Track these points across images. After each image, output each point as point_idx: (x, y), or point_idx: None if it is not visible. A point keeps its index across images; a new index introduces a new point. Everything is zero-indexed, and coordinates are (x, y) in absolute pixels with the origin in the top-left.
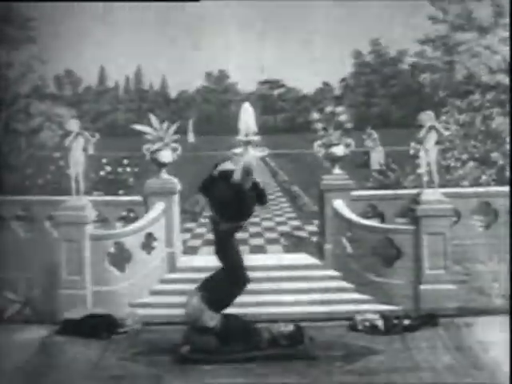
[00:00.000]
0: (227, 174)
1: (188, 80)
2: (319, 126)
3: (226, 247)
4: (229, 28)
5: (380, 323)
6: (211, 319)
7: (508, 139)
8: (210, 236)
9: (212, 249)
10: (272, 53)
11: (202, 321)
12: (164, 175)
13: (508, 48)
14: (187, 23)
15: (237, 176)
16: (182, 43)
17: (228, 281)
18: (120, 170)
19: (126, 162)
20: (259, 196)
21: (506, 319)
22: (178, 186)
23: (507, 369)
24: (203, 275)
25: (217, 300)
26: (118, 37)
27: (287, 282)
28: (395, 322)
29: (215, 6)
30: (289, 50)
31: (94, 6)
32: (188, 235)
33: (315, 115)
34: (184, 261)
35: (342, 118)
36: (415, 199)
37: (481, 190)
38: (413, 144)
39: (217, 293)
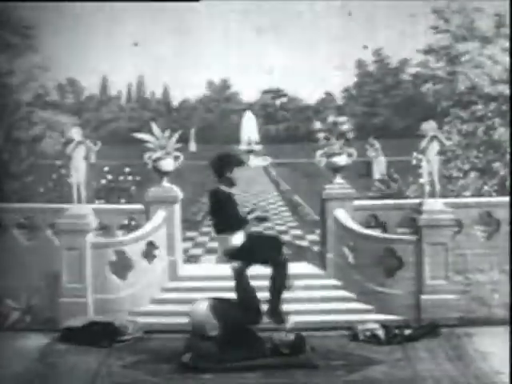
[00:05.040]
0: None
1: (190, 89)
2: (321, 135)
3: (237, 284)
4: (231, 38)
5: (381, 333)
6: (213, 328)
7: (509, 149)
8: (212, 245)
9: (214, 257)
10: (274, 62)
11: (204, 328)
12: (166, 184)
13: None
14: (189, 33)
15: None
16: (184, 52)
17: (242, 312)
18: (121, 178)
19: (127, 170)
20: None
21: (506, 329)
22: (180, 195)
23: (507, 379)
24: (205, 284)
25: (225, 316)
26: (121, 46)
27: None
28: (396, 331)
29: (217, 15)
30: (291, 59)
31: (97, 15)
32: (189, 244)
33: (317, 125)
34: (185, 269)
35: (344, 127)
36: (417, 209)
37: (483, 200)
38: (415, 154)
39: (229, 316)
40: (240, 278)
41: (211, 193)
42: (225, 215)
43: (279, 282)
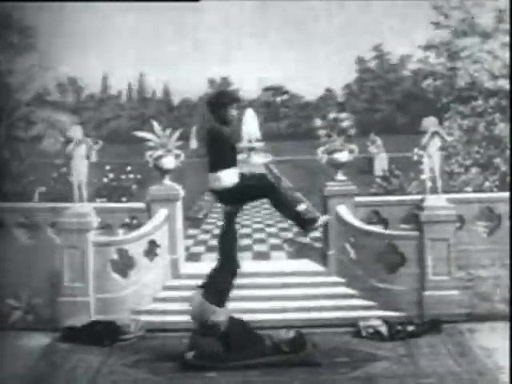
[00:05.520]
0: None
1: (191, 87)
2: (322, 132)
3: (224, 232)
4: (231, 36)
5: (384, 329)
6: (214, 314)
7: (509, 145)
8: (213, 242)
9: (215, 255)
10: (275, 60)
11: (206, 316)
12: (167, 182)
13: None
14: (189, 31)
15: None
16: (185, 50)
17: (220, 270)
18: (123, 176)
19: (128, 168)
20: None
21: (508, 325)
22: (181, 193)
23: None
24: None
25: (214, 292)
26: (121, 44)
27: (290, 288)
28: (399, 328)
29: (217, 13)
30: (291, 56)
31: (96, 13)
32: (191, 242)
33: (318, 122)
34: (187, 267)
35: (346, 124)
36: (419, 205)
37: (484, 195)
38: (416, 150)
39: (213, 285)
40: (229, 223)
41: (207, 131)
42: (217, 152)
43: (286, 202)
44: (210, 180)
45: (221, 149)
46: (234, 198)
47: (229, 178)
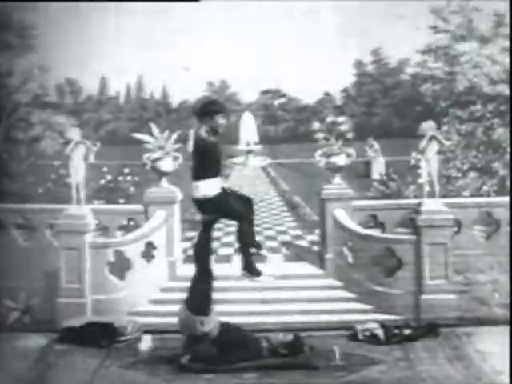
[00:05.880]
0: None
1: (189, 89)
2: (320, 135)
3: (199, 240)
4: (230, 39)
5: (380, 333)
6: (202, 325)
7: (508, 149)
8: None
9: (213, 258)
10: (273, 63)
11: (194, 329)
12: (164, 184)
13: (508, 58)
14: (188, 33)
15: None
16: (183, 53)
17: (198, 279)
18: (121, 178)
19: (126, 170)
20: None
21: (506, 329)
22: (179, 195)
23: (507, 379)
24: None
25: (197, 303)
26: (119, 46)
27: (288, 291)
28: (396, 331)
29: (217, 17)
30: (290, 60)
31: (95, 15)
32: (188, 244)
33: (316, 125)
34: (184, 270)
35: (343, 127)
36: (416, 209)
37: (482, 200)
38: (414, 154)
39: (194, 296)
40: (205, 232)
41: (195, 139)
42: (201, 162)
43: (247, 238)
44: (192, 188)
45: (205, 158)
46: (211, 210)
47: (209, 188)
